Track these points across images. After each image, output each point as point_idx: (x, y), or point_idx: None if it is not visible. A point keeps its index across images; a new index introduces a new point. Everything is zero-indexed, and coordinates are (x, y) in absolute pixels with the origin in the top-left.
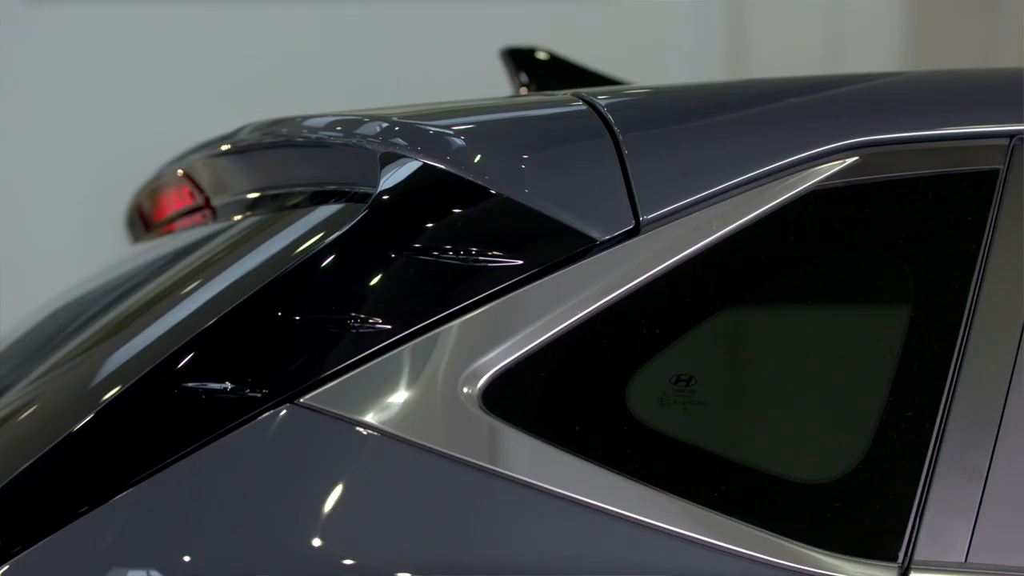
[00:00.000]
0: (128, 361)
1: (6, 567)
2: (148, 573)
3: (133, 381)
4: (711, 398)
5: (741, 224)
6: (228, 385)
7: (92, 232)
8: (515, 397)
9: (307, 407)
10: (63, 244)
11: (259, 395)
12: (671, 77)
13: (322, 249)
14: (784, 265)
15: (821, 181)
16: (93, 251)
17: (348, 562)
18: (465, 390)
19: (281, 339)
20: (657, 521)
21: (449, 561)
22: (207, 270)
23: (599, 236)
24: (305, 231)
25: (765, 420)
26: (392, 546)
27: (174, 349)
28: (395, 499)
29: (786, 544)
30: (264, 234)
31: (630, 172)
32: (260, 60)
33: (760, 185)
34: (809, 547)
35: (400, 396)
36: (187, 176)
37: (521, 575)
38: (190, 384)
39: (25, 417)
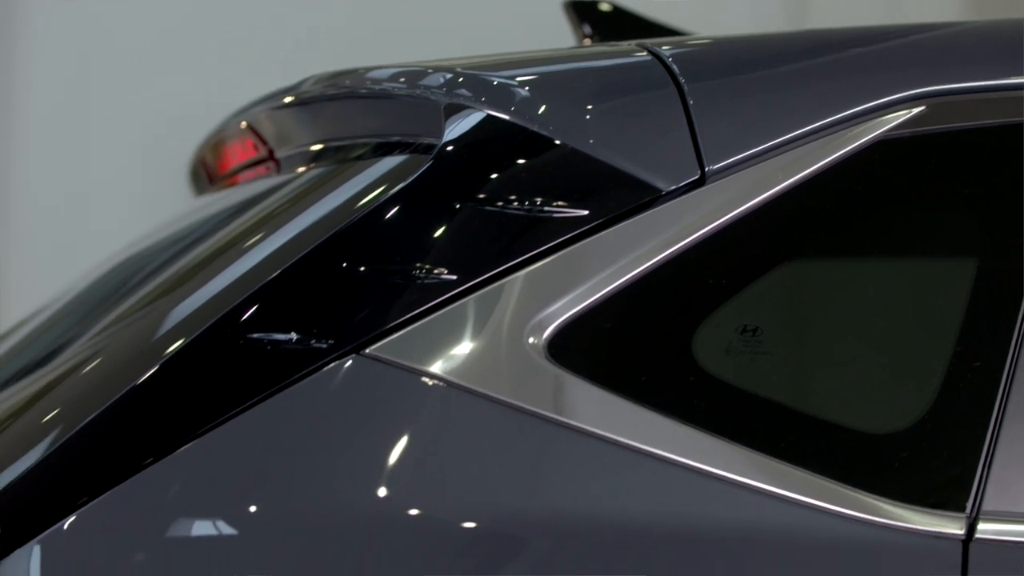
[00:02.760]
0: (193, 313)
1: (73, 518)
2: (214, 523)
3: (198, 333)
4: (777, 348)
5: (806, 175)
6: (294, 336)
7: (156, 185)
8: (581, 347)
9: (373, 358)
10: (127, 197)
11: (325, 346)
12: (734, 28)
13: (387, 200)
14: (850, 215)
15: (887, 131)
16: (157, 204)
17: (413, 512)
18: (531, 340)
19: (346, 290)
20: (724, 471)
21: (515, 511)
22: (271, 222)
23: (664, 187)
24: (369, 182)
25: (832, 370)
26: (458, 496)
27: (239, 300)
28: (461, 449)
29: (853, 494)
30: (328, 186)
31: (695, 122)
32: (320, 18)
33: (825, 135)
34: (877, 497)
35: (466, 347)
36: (250, 128)
37: (587, 525)
38: (255, 335)
39: (90, 370)
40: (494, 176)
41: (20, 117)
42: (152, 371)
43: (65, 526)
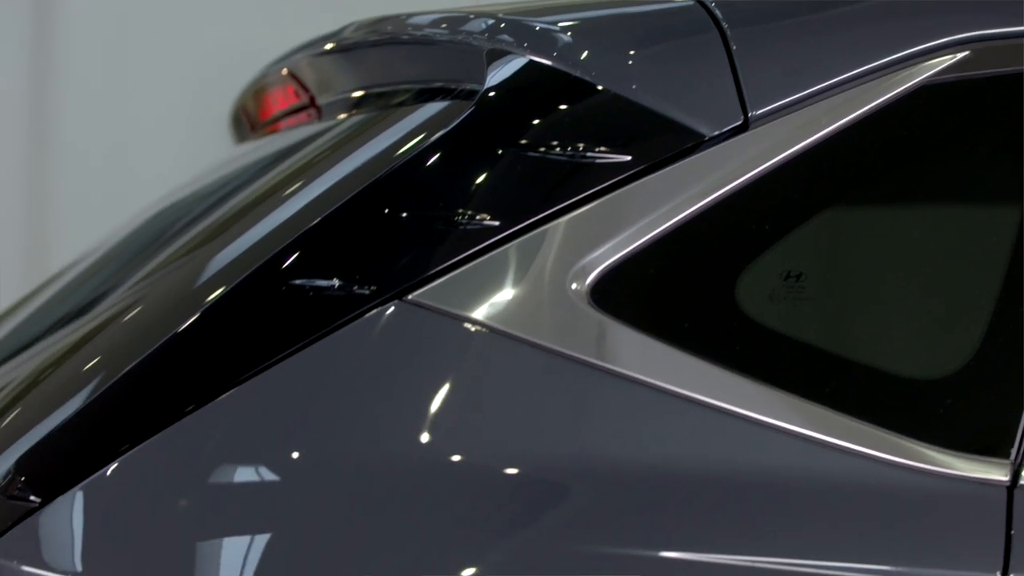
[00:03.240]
0: (234, 260)
1: (115, 465)
2: (256, 470)
3: (239, 280)
4: (821, 294)
5: (850, 120)
6: (336, 282)
7: (197, 134)
8: (624, 293)
9: (415, 304)
10: (169, 146)
11: (367, 292)
12: None
13: (429, 146)
14: (893, 161)
15: (930, 76)
16: (198, 153)
17: (455, 459)
18: (574, 286)
19: (388, 236)
20: (767, 417)
21: (558, 457)
22: (313, 169)
23: (707, 132)
24: (411, 129)
25: (876, 316)
26: (500, 443)
27: (281, 247)
28: (503, 395)
29: (897, 440)
30: (370, 132)
31: (738, 68)
32: None
33: (869, 81)
34: (921, 443)
35: (508, 293)
36: (292, 75)
37: (630, 472)
38: (298, 282)
39: (130, 318)
40: (536, 122)
41: (60, 67)
42: (193, 319)
43: (107, 473)
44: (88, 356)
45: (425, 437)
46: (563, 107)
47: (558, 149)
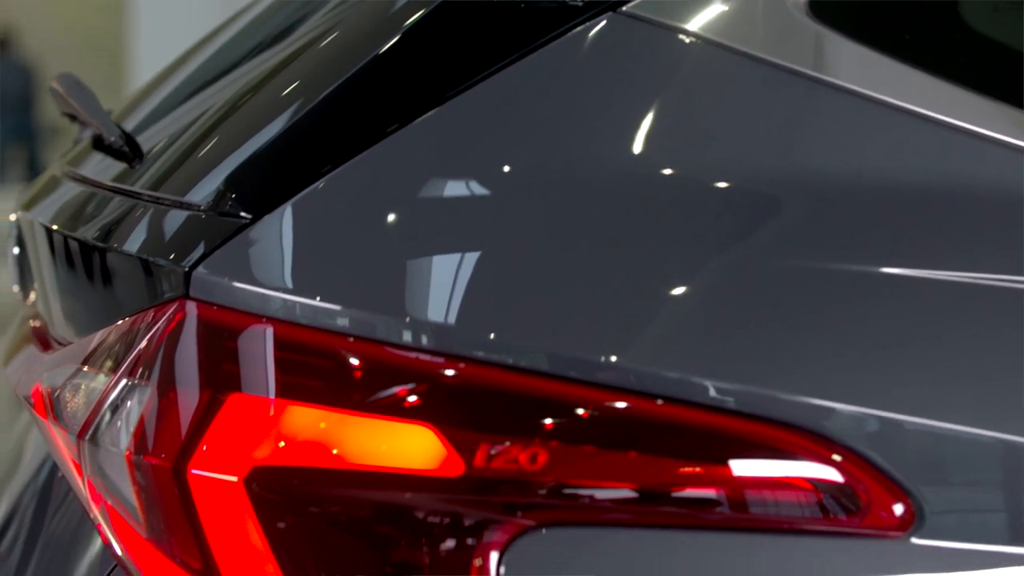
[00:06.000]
0: None
1: (323, 182)
2: (466, 184)
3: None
4: None
5: None
6: None
7: None
8: (843, 3)
9: (629, 15)
10: None
11: (580, 3)
12: None
13: None
14: None
15: None
16: None
17: (667, 172)
18: None
19: None
20: (989, 131)
21: (772, 171)
22: None
23: None
24: None
25: None
26: (714, 156)
27: None
28: (718, 108)
29: None
30: None
31: None
32: None
33: None
34: None
35: (724, 4)
36: None
37: (846, 185)
38: None
39: (328, 43)
40: None
41: None
42: (397, 37)
43: (317, 188)
44: (289, 79)
45: (638, 149)
46: None
47: None
